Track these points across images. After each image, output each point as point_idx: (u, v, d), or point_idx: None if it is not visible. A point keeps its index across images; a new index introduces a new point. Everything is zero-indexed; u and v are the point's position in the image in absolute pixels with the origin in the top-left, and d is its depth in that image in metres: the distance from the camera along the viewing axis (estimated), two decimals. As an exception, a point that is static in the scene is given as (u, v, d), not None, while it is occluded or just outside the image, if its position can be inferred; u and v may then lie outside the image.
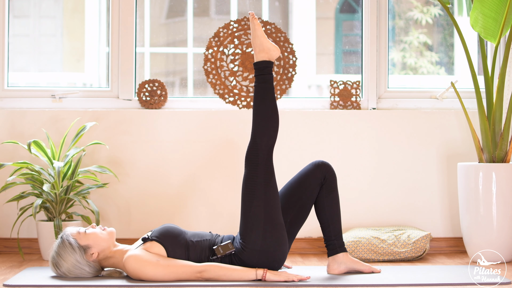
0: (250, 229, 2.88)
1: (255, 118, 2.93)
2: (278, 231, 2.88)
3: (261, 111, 2.93)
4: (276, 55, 3.00)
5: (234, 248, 2.89)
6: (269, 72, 2.97)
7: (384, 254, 3.56)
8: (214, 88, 3.96)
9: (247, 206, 2.90)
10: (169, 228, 2.94)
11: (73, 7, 4.45)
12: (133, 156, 3.90)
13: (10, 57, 4.06)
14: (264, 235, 2.86)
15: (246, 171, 2.93)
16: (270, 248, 2.87)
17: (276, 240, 2.87)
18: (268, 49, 2.99)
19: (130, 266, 2.81)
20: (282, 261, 2.93)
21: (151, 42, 4.37)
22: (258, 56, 2.99)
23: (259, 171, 2.90)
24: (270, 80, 2.96)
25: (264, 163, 2.90)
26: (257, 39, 3.00)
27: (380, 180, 3.96)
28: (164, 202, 3.90)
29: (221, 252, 2.89)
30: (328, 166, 3.03)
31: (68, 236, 2.88)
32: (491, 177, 3.48)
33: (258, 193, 2.88)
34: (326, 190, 3.02)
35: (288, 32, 4.44)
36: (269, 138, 2.92)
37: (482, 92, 3.95)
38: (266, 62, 2.98)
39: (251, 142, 2.92)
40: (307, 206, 3.03)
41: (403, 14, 4.42)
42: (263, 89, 2.95)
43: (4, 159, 3.85)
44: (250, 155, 2.92)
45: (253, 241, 2.86)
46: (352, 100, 4.03)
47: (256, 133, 2.92)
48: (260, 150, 2.90)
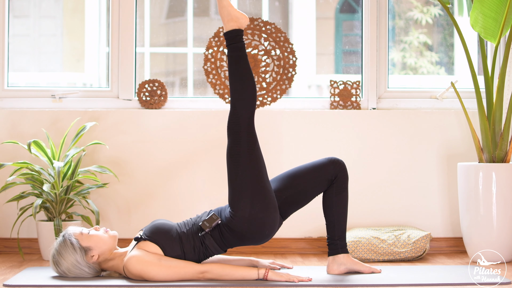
0: (237, 197, 2.88)
1: (232, 87, 2.93)
2: (266, 197, 2.88)
3: (237, 79, 2.93)
4: (245, 22, 2.99)
5: (219, 218, 2.89)
6: (240, 40, 2.96)
7: (384, 254, 3.57)
8: (214, 88, 3.96)
9: (233, 175, 2.90)
10: (159, 225, 2.93)
11: (73, 7, 4.45)
12: (133, 156, 3.90)
13: (10, 57, 4.06)
14: (252, 202, 2.86)
15: (229, 141, 2.92)
16: (259, 214, 2.86)
17: (265, 206, 2.87)
18: (237, 17, 2.97)
19: (132, 268, 2.80)
20: (273, 229, 2.93)
21: (151, 42, 4.37)
22: (227, 26, 2.98)
23: (242, 139, 2.90)
24: (243, 47, 2.96)
25: (246, 130, 2.90)
26: (224, 9, 2.98)
27: (380, 180, 3.96)
28: (164, 202, 3.90)
29: (207, 226, 2.88)
30: (343, 165, 3.03)
31: (71, 235, 2.88)
32: (491, 177, 3.48)
33: (243, 161, 2.88)
34: (337, 189, 3.01)
35: (288, 32, 4.44)
36: (248, 105, 2.92)
37: (482, 92, 3.95)
38: (236, 30, 2.97)
39: (231, 111, 2.92)
40: (307, 194, 3.02)
41: (403, 14, 4.42)
42: (236, 58, 2.94)
43: (4, 159, 3.84)
44: (231, 125, 2.92)
45: (241, 209, 2.86)
46: (352, 100, 4.03)
47: (236, 101, 2.91)
48: (241, 117, 2.90)
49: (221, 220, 2.91)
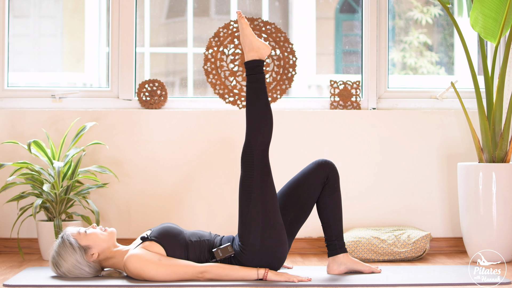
0: (248, 231, 2.86)
1: (249, 119, 2.91)
2: (276, 231, 2.87)
3: (254, 111, 2.90)
4: (266, 53, 2.97)
5: (233, 251, 2.88)
6: (260, 71, 2.95)
7: (384, 254, 3.56)
8: (214, 88, 3.96)
9: (244, 208, 2.89)
10: (168, 228, 2.93)
11: (73, 7, 4.45)
12: (133, 156, 3.90)
13: (10, 57, 4.06)
14: (263, 237, 2.85)
15: (242, 173, 2.91)
16: (269, 250, 2.86)
17: (275, 241, 2.86)
18: (258, 47, 2.96)
19: (131, 266, 2.80)
20: (282, 261, 2.93)
21: (151, 42, 4.37)
22: (248, 56, 2.96)
23: (255, 172, 2.88)
24: (262, 79, 2.94)
25: (260, 163, 2.88)
26: (246, 38, 2.97)
27: (380, 180, 3.96)
28: (164, 202, 3.90)
29: (220, 255, 2.88)
30: (331, 165, 3.01)
31: (69, 236, 2.88)
32: (491, 177, 3.48)
33: (255, 195, 2.87)
34: (329, 190, 3.01)
35: (288, 32, 4.44)
36: (263, 138, 2.89)
37: (482, 92, 3.95)
38: (257, 61, 2.95)
39: (246, 143, 2.90)
40: (308, 205, 3.02)
41: (403, 14, 4.42)
42: (255, 89, 2.92)
43: (4, 159, 3.85)
44: (245, 157, 2.90)
45: (251, 243, 2.85)
46: (352, 100, 4.03)
47: (250, 134, 2.89)
48: (255, 150, 2.88)
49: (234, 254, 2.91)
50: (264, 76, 2.95)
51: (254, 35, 2.97)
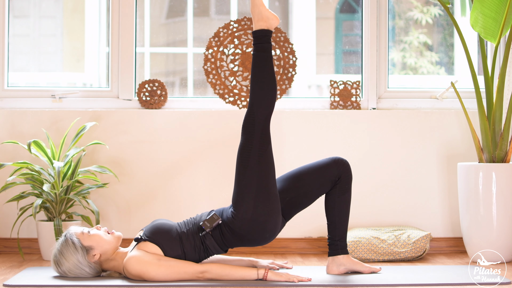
0: (241, 197, 2.87)
1: (253, 87, 2.90)
2: (270, 201, 2.87)
3: (259, 80, 2.90)
4: (275, 23, 2.97)
5: (220, 218, 2.88)
6: (268, 41, 2.94)
7: (384, 254, 3.56)
8: (214, 88, 3.96)
9: (240, 174, 2.89)
10: (159, 225, 2.92)
11: (73, 7, 4.45)
12: (133, 156, 3.90)
13: (10, 57, 4.06)
14: (256, 204, 2.85)
15: (242, 140, 2.91)
16: (261, 217, 2.85)
17: (267, 210, 2.86)
18: (267, 17, 2.95)
19: (132, 268, 2.80)
20: (274, 232, 2.92)
21: (151, 42, 4.37)
22: (256, 25, 2.96)
23: (255, 140, 2.88)
24: (269, 49, 2.93)
25: (260, 132, 2.88)
26: (256, 8, 2.96)
27: (380, 180, 3.96)
28: (164, 202, 3.90)
29: (208, 226, 2.87)
30: (347, 166, 3.01)
31: (72, 235, 2.88)
32: (491, 177, 3.48)
33: (252, 162, 2.87)
34: (340, 190, 3.00)
35: (288, 32, 4.44)
36: (266, 107, 2.89)
37: (482, 92, 3.95)
38: (265, 30, 2.95)
39: (248, 110, 2.90)
40: (310, 195, 3.01)
41: (403, 14, 4.42)
42: (261, 58, 2.92)
43: (4, 159, 3.85)
44: (247, 124, 2.90)
45: (244, 210, 2.85)
46: (352, 100, 4.03)
47: (254, 102, 2.89)
48: (257, 119, 2.88)
49: (222, 220, 2.90)
50: (271, 46, 2.94)
51: (264, 5, 2.97)
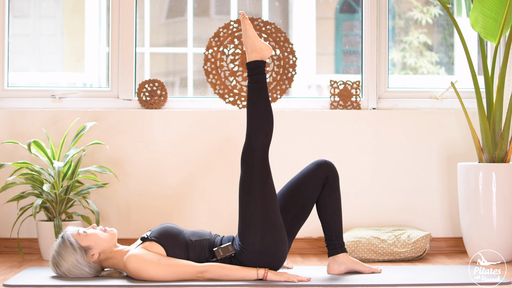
0: (248, 230, 2.87)
1: (249, 119, 2.92)
2: (277, 231, 2.87)
3: (255, 112, 2.92)
4: (268, 54, 2.99)
5: (234, 250, 2.89)
6: (262, 72, 2.96)
7: (384, 254, 3.56)
8: (214, 88, 3.96)
9: (244, 207, 2.89)
10: (168, 228, 2.93)
11: (73, 7, 4.45)
12: (133, 156, 3.90)
13: (10, 57, 4.06)
14: (263, 236, 2.85)
15: (242, 172, 2.92)
16: (269, 249, 2.86)
17: (275, 241, 2.87)
18: (260, 48, 2.98)
19: (131, 266, 2.80)
20: (282, 261, 2.93)
21: (151, 42, 4.37)
22: (250, 56, 2.98)
23: (255, 171, 2.89)
24: (263, 80, 2.95)
25: (260, 163, 2.89)
26: (249, 39, 2.99)
27: (380, 180, 3.96)
28: (164, 202, 3.90)
29: (221, 255, 2.88)
30: (331, 166, 3.02)
31: (69, 236, 2.88)
32: (491, 177, 3.48)
33: (255, 194, 2.88)
34: (329, 190, 3.01)
35: (288, 32, 4.44)
36: (264, 138, 2.90)
37: (482, 92, 3.95)
38: (259, 62, 2.97)
39: (246, 142, 2.91)
40: (308, 205, 3.02)
41: (403, 14, 4.42)
42: (256, 90, 2.94)
43: (4, 159, 3.85)
44: (246, 156, 2.91)
45: (251, 243, 2.86)
46: (352, 100, 4.03)
47: (251, 134, 2.90)
48: (255, 150, 2.89)
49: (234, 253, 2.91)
50: (265, 77, 2.96)
51: (257, 36, 2.99)
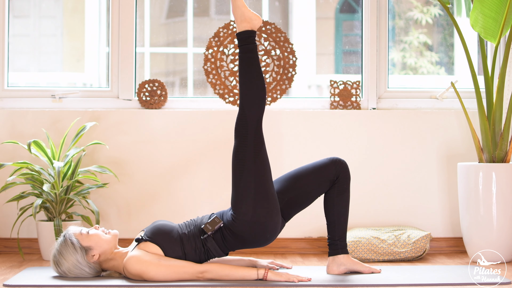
0: (240, 200, 2.87)
1: (242, 89, 2.91)
2: (269, 201, 2.87)
3: (247, 81, 2.91)
4: (258, 23, 2.98)
5: (221, 221, 2.88)
6: (253, 42, 2.95)
7: (384, 254, 3.57)
8: (214, 88, 3.96)
9: (237, 177, 2.89)
10: (160, 226, 2.93)
11: (73, 7, 4.45)
12: (133, 156, 3.90)
13: (10, 57, 4.07)
14: (255, 206, 2.85)
15: (236, 142, 2.91)
16: (261, 219, 2.86)
17: (267, 210, 2.86)
18: (250, 18, 2.96)
19: (131, 268, 2.80)
20: (275, 233, 2.92)
21: (151, 42, 4.37)
22: (240, 26, 2.96)
23: (249, 141, 2.88)
24: (254, 49, 2.94)
25: (253, 133, 2.89)
26: (238, 10, 2.97)
27: (380, 180, 3.96)
28: (164, 201, 3.90)
29: (209, 229, 2.88)
30: (344, 165, 3.01)
31: (71, 235, 2.88)
32: (491, 177, 3.48)
33: (248, 164, 2.87)
34: (338, 189, 3.00)
35: (288, 32, 4.44)
36: (257, 108, 2.90)
37: (482, 92, 3.95)
38: (249, 31, 2.96)
39: (240, 113, 2.90)
40: (309, 196, 3.01)
41: (403, 14, 4.42)
42: (248, 59, 2.93)
43: (4, 159, 3.85)
44: (239, 127, 2.90)
45: (243, 212, 2.86)
46: (352, 100, 4.03)
47: (244, 104, 2.90)
48: (249, 120, 2.89)
49: (223, 223, 2.90)
50: (256, 47, 2.95)
51: (246, 6, 2.97)
